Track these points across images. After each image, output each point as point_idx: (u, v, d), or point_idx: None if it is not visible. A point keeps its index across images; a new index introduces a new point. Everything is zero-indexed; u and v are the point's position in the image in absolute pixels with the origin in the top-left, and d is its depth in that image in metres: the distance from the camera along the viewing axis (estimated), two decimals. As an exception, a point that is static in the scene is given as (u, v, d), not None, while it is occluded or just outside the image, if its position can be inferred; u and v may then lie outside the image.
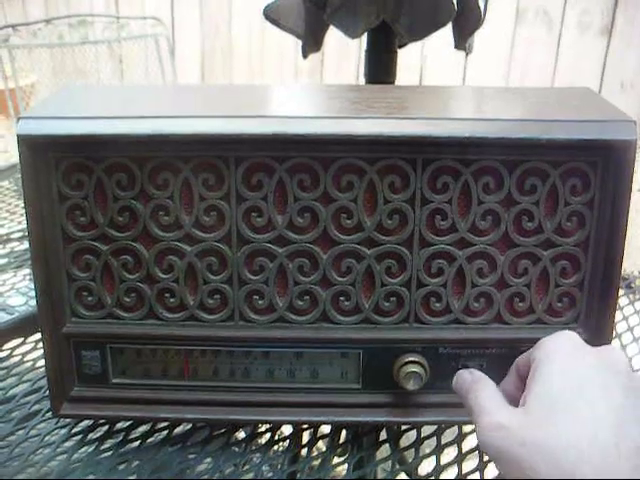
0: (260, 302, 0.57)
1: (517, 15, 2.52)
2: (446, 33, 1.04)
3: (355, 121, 0.53)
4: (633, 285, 0.94)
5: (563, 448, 0.41)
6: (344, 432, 0.64)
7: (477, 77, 2.57)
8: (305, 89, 0.73)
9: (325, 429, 0.64)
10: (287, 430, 0.64)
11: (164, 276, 0.57)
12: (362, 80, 1.07)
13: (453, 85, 2.31)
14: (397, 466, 0.60)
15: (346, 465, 0.60)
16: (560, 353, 0.47)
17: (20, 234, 1.05)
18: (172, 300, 0.58)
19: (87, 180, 0.55)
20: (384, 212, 0.55)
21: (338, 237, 0.56)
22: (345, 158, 0.54)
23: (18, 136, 0.53)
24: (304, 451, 0.62)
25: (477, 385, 0.51)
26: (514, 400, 0.49)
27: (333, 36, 1.09)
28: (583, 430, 0.41)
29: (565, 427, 0.42)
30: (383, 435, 0.64)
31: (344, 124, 0.53)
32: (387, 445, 0.63)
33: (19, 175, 1.34)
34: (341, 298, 0.57)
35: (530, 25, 2.51)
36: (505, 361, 0.58)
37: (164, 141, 0.53)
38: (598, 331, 0.58)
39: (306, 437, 0.64)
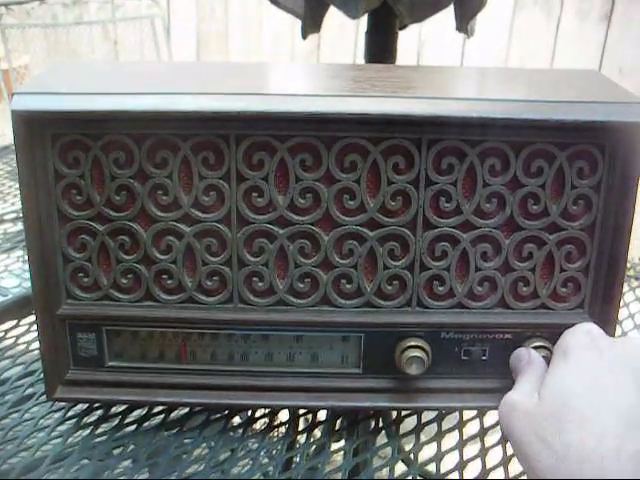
0: (260, 284, 0.56)
1: (516, 1, 2.50)
2: (445, 17, 1.02)
3: (359, 100, 0.52)
4: (631, 273, 0.94)
5: (566, 446, 0.41)
6: (342, 418, 0.63)
7: (476, 62, 2.56)
8: (307, 68, 0.71)
9: (323, 415, 0.63)
10: (284, 416, 0.63)
11: (162, 257, 0.56)
12: (359, 63, 1.06)
13: (458, 65, 2.30)
14: (396, 453, 0.59)
15: (344, 452, 0.59)
16: (578, 348, 0.48)
17: (14, 215, 1.04)
18: (170, 282, 0.56)
19: (84, 158, 0.53)
20: (387, 193, 0.54)
21: (340, 218, 0.54)
22: (348, 138, 0.52)
23: (13, 111, 0.51)
24: (301, 437, 0.61)
25: (527, 367, 0.53)
26: None
27: (330, 19, 1.07)
28: (588, 434, 0.41)
29: (571, 427, 0.42)
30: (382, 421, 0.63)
31: (348, 103, 0.52)
32: (385, 431, 0.62)
33: (12, 156, 1.32)
34: (342, 281, 0.56)
35: (529, 11, 2.49)
36: (508, 346, 0.58)
37: (163, 118, 0.52)
38: (603, 317, 0.57)
39: (303, 423, 0.63)
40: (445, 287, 0.57)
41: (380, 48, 1.03)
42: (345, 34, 2.64)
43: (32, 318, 0.76)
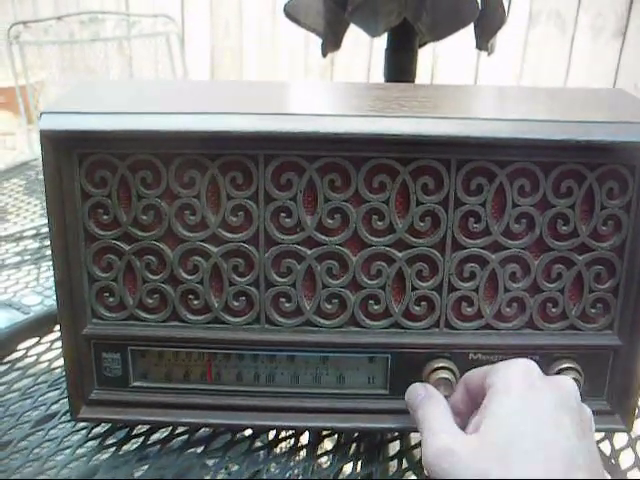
0: (287, 305, 0.56)
1: (530, 17, 2.50)
2: (460, 34, 1.02)
3: (388, 120, 0.52)
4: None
5: None
6: (365, 441, 0.62)
7: (489, 79, 2.56)
8: (332, 87, 0.71)
9: (345, 438, 0.62)
10: (307, 439, 0.62)
11: (188, 277, 0.55)
12: (374, 79, 1.06)
13: (485, 84, 2.30)
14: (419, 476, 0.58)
15: (368, 475, 0.58)
16: (517, 386, 0.46)
17: (33, 232, 1.04)
18: (196, 302, 0.56)
19: (111, 177, 0.53)
20: (416, 214, 0.53)
21: (369, 239, 0.54)
22: (377, 158, 0.52)
23: (41, 132, 0.51)
24: (323, 460, 0.61)
25: (429, 401, 0.51)
26: (460, 414, 0.50)
27: (345, 35, 1.07)
28: (534, 475, 0.41)
29: (519, 468, 0.41)
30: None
31: (377, 123, 0.52)
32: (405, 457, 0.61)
33: (30, 172, 1.32)
34: (370, 302, 0.56)
35: (544, 27, 2.49)
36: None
37: (191, 138, 0.52)
38: (632, 338, 0.57)
39: (326, 446, 0.62)
40: (473, 308, 0.56)
41: (400, 66, 1.03)
42: (359, 50, 2.65)
43: (53, 336, 0.76)
